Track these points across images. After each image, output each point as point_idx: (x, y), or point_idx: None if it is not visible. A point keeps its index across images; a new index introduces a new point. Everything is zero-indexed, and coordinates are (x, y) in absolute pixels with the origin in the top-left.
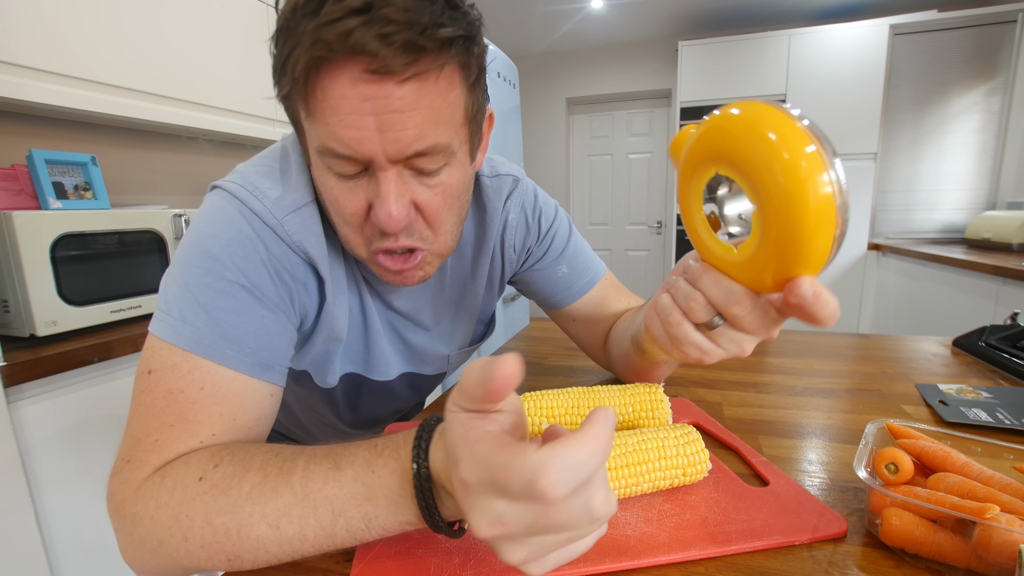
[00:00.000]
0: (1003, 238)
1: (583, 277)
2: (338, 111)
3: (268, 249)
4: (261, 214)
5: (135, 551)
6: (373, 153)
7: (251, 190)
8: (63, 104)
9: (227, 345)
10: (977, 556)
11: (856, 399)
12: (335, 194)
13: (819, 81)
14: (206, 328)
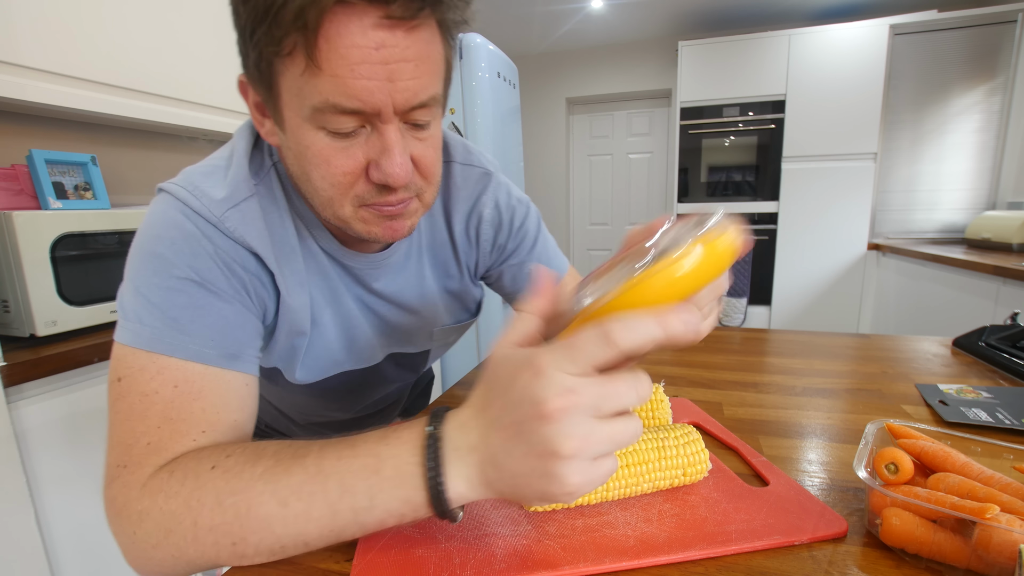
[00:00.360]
0: (1003, 238)
1: None
2: (349, 60)
3: (214, 244)
4: (202, 212)
5: (138, 550)
6: (382, 104)
7: (191, 190)
8: (63, 104)
9: (188, 340)
10: (977, 556)
11: (856, 399)
12: (324, 155)
13: (819, 81)
14: (164, 326)
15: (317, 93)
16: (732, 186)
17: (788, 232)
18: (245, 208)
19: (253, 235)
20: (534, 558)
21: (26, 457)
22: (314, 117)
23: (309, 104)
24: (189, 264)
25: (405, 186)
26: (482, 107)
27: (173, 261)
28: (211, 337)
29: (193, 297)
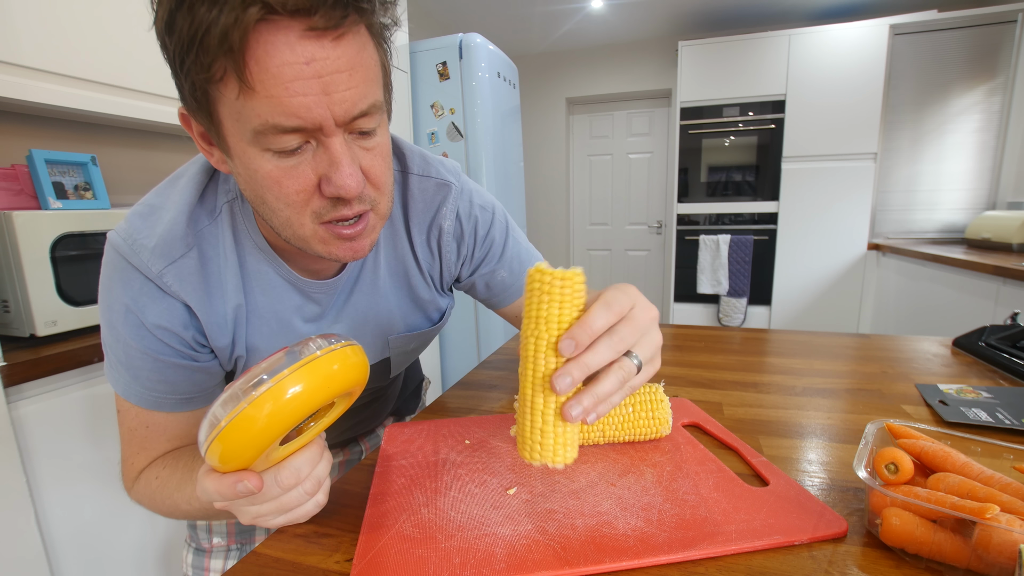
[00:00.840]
0: (1003, 238)
1: (521, 278)
2: (281, 79)
3: (156, 314)
4: (141, 269)
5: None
6: (322, 118)
7: (131, 243)
8: (63, 104)
9: (148, 393)
10: (977, 556)
11: (856, 399)
12: (275, 177)
13: (819, 81)
14: (132, 381)
15: (255, 115)
16: (732, 186)
17: (788, 232)
18: (182, 265)
19: (188, 291)
20: (534, 558)
21: (26, 457)
22: (257, 139)
23: (249, 127)
24: (136, 342)
25: (359, 197)
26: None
27: (125, 337)
28: (167, 391)
29: (147, 361)
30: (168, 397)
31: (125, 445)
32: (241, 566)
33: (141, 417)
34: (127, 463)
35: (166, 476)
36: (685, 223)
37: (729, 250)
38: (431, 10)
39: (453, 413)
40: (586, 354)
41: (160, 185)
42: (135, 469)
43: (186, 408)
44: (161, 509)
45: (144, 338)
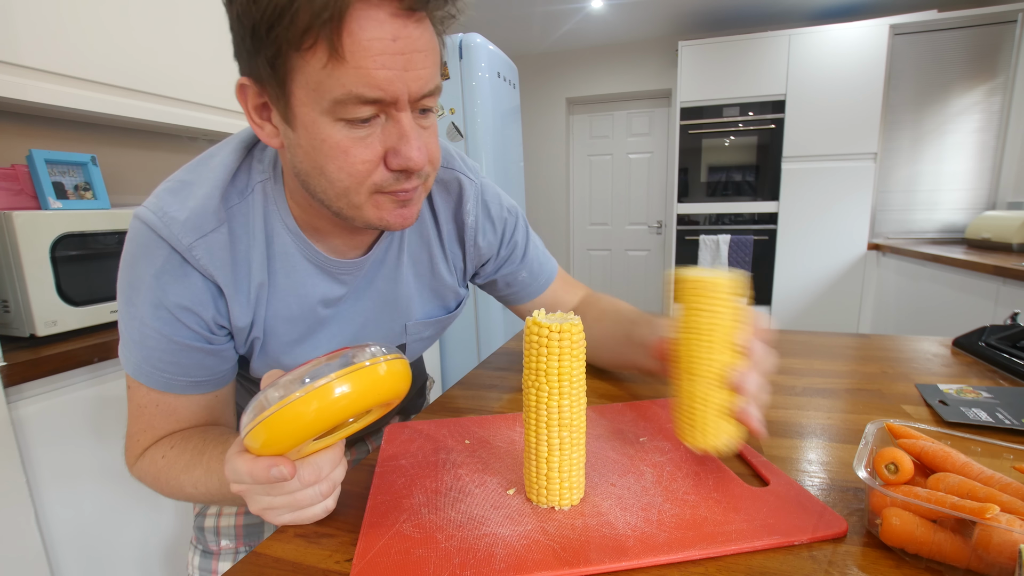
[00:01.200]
0: (1003, 238)
1: (539, 279)
2: (370, 51)
3: (171, 296)
4: (170, 241)
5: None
6: (399, 92)
7: (161, 216)
8: (63, 104)
9: (159, 374)
10: (977, 556)
11: (856, 399)
12: (343, 146)
13: (819, 81)
14: (143, 361)
15: (339, 85)
16: (732, 186)
17: (788, 232)
18: (212, 240)
19: (217, 266)
20: (534, 558)
21: (26, 457)
22: (333, 109)
23: (330, 97)
24: (156, 325)
25: (420, 171)
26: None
27: (145, 318)
28: (178, 373)
29: (160, 342)
30: (179, 379)
31: (132, 421)
32: (241, 566)
33: (151, 396)
34: (132, 439)
35: (173, 457)
36: (685, 223)
37: (729, 250)
38: None
39: (453, 413)
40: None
41: (190, 163)
42: (139, 446)
43: (196, 391)
44: (164, 489)
45: (161, 317)
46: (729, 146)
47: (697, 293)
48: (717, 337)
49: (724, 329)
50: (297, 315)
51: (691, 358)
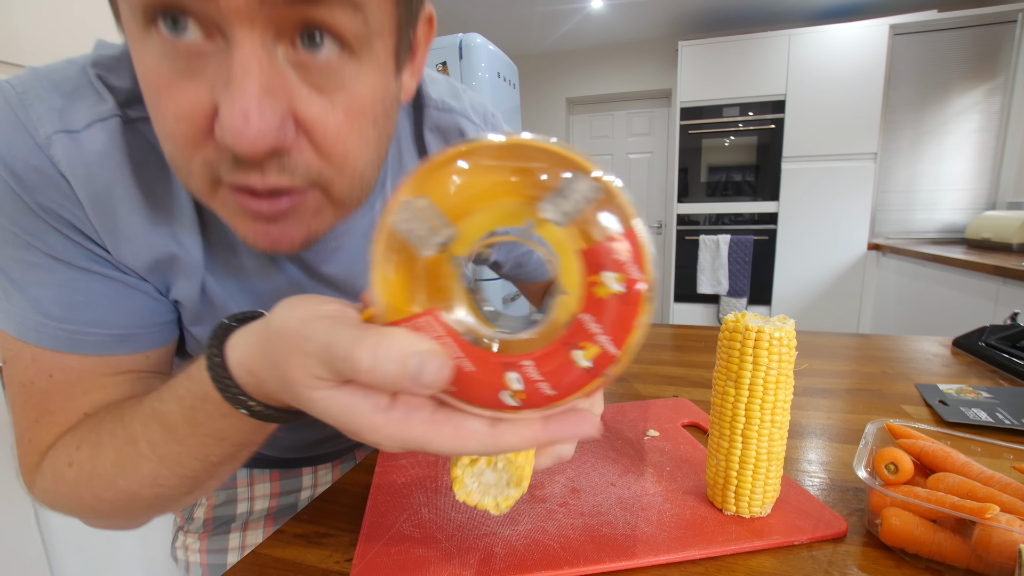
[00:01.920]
0: (1003, 238)
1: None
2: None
3: (43, 198)
4: (28, 127)
5: (85, 523)
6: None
7: (21, 92)
8: None
9: (56, 327)
10: (977, 556)
11: (856, 399)
12: (157, 79)
13: (819, 81)
14: (29, 309)
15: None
16: (732, 186)
17: (788, 232)
18: (88, 137)
19: (79, 175)
20: (534, 558)
21: None
22: (132, 9)
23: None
24: (30, 240)
25: (276, 159)
26: None
27: (13, 229)
28: (86, 321)
29: (52, 273)
30: (90, 332)
31: (17, 413)
32: (241, 566)
33: (40, 362)
34: (23, 443)
35: (88, 458)
36: (685, 223)
37: (729, 250)
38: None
39: None
40: None
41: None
42: (36, 450)
43: (119, 350)
44: (99, 508)
45: (47, 233)
46: (729, 146)
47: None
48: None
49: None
50: (242, 284)
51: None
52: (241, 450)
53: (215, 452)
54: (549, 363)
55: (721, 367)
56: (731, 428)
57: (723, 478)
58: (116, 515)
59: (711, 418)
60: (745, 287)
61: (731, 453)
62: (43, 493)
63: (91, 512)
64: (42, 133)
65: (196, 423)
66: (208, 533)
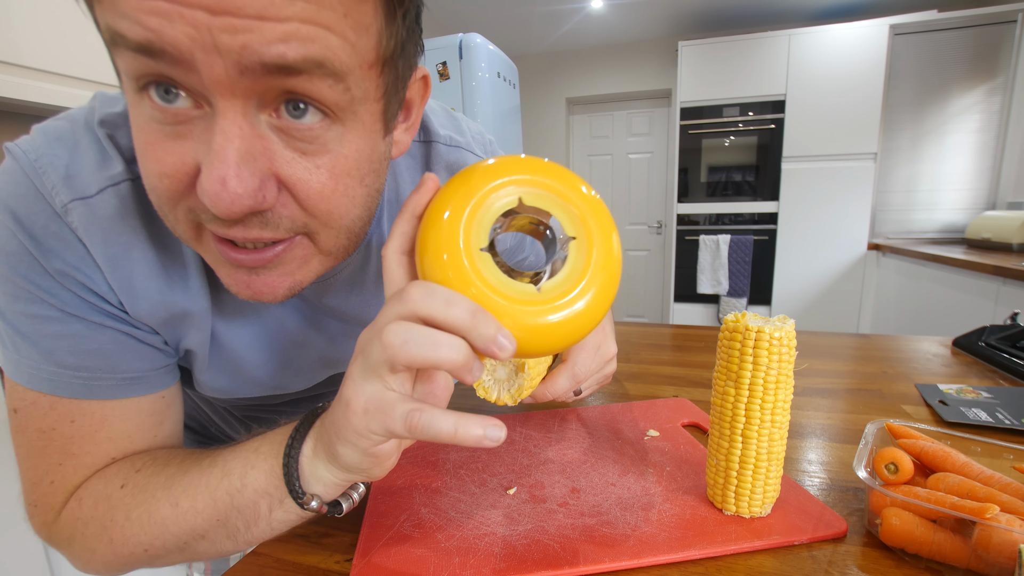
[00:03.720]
0: (1003, 238)
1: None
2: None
3: (60, 256)
4: (42, 191)
5: (78, 563)
6: (194, 44)
7: (34, 160)
8: (63, 104)
9: (71, 375)
10: (977, 556)
11: (856, 399)
12: (144, 140)
13: (819, 81)
14: (42, 361)
15: (101, 18)
16: (732, 186)
17: (788, 232)
18: (98, 203)
19: (97, 240)
20: (534, 558)
21: None
22: (117, 62)
23: (105, 35)
24: (44, 296)
25: (258, 216)
26: (482, 107)
27: (27, 286)
28: (99, 367)
29: (65, 325)
30: (103, 378)
31: (35, 459)
32: (241, 566)
33: (59, 409)
34: (43, 485)
35: (145, 479)
36: (685, 223)
37: (729, 250)
38: (431, 10)
39: None
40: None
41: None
42: (61, 489)
43: (131, 393)
44: (115, 537)
45: (59, 292)
46: (729, 146)
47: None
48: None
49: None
50: (251, 329)
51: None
52: (231, 510)
53: (231, 516)
54: None
55: (721, 367)
56: (731, 428)
57: (723, 478)
58: (123, 543)
59: (711, 418)
60: (745, 287)
61: (731, 453)
62: (68, 523)
63: (105, 538)
64: (59, 201)
65: (244, 497)
66: None
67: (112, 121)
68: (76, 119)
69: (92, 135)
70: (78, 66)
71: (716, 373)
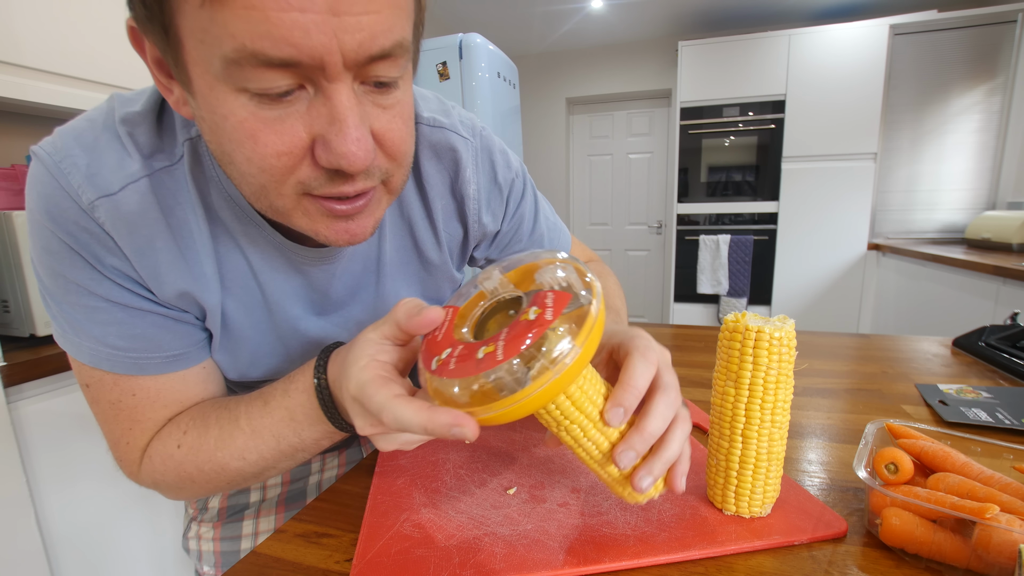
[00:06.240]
0: (1003, 238)
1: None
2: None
3: (96, 255)
4: (68, 191)
5: (171, 496)
6: (325, 50)
7: (59, 161)
8: (63, 104)
9: (122, 356)
10: (977, 556)
11: (856, 399)
12: (250, 128)
13: (819, 81)
14: (99, 345)
15: (228, 36)
16: (732, 186)
17: (788, 232)
18: (121, 201)
19: (123, 234)
20: (534, 558)
21: (26, 457)
22: (229, 73)
23: (219, 53)
24: (90, 288)
25: (366, 171)
26: (482, 107)
27: (75, 280)
28: (145, 348)
29: (111, 314)
30: (151, 357)
31: (111, 424)
32: (241, 566)
33: (122, 385)
34: (121, 445)
35: (195, 438)
36: (685, 223)
37: (729, 250)
38: (431, 10)
39: None
40: (646, 421)
41: (102, 104)
42: (136, 448)
43: (176, 368)
44: (196, 479)
45: (101, 282)
46: (729, 146)
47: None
48: (583, 418)
49: (587, 404)
50: (259, 317)
51: (572, 445)
52: (299, 452)
53: (287, 439)
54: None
55: (721, 367)
56: (731, 428)
57: (723, 478)
58: (207, 484)
59: (711, 418)
60: (745, 287)
61: (731, 453)
62: (149, 475)
63: (188, 482)
64: (85, 199)
65: (290, 410)
66: (222, 521)
67: (132, 119)
68: (95, 119)
69: (111, 133)
70: (78, 66)
71: (716, 373)
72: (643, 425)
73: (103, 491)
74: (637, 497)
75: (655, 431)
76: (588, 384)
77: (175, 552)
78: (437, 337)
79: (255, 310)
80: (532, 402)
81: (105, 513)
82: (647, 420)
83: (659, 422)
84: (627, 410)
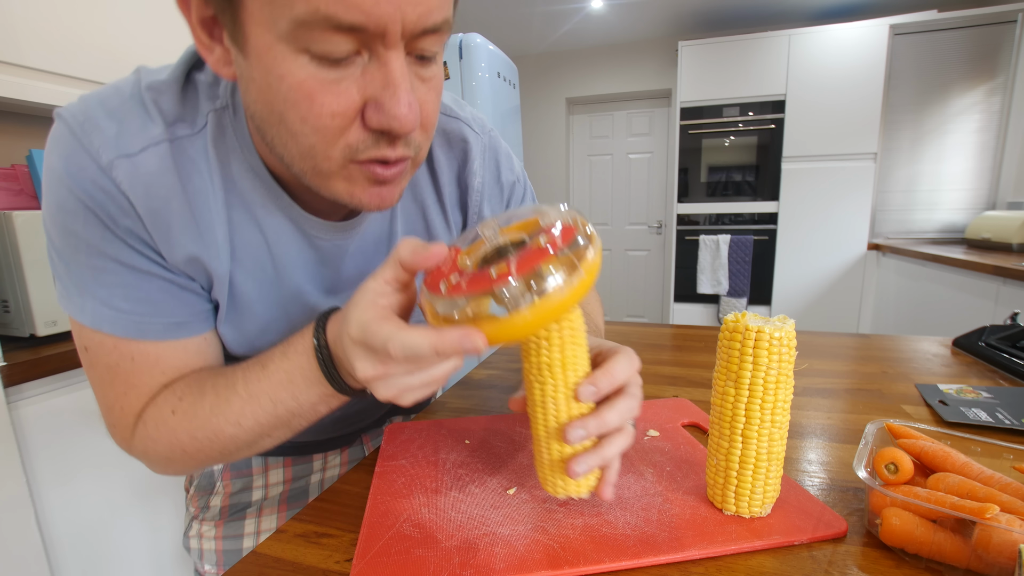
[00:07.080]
0: (1003, 238)
1: None
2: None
3: (111, 216)
4: (89, 151)
5: (158, 469)
6: (390, 19)
7: (82, 121)
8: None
9: (126, 318)
10: (977, 556)
11: (856, 399)
12: (308, 89)
13: (819, 81)
14: (102, 307)
15: (303, 0)
16: (732, 186)
17: (788, 232)
18: (142, 160)
19: (139, 193)
20: (534, 558)
21: (26, 457)
22: (296, 35)
23: (290, 16)
24: (100, 248)
25: (405, 139)
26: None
27: (86, 239)
28: (152, 312)
29: (119, 275)
30: (153, 321)
31: (106, 388)
32: (241, 566)
33: (121, 348)
34: (116, 410)
35: (190, 404)
36: (685, 223)
37: (729, 250)
38: None
39: (453, 413)
40: (606, 412)
41: (129, 76)
42: (130, 413)
43: (177, 335)
44: (188, 447)
45: (112, 242)
46: (729, 146)
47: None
48: (559, 379)
49: (567, 370)
50: (267, 290)
51: (532, 403)
52: (295, 418)
53: (285, 403)
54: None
55: (721, 367)
56: (731, 428)
57: (723, 478)
58: (197, 455)
59: (711, 418)
60: (745, 287)
61: (731, 453)
62: (141, 441)
63: (179, 451)
64: (104, 158)
65: (288, 372)
66: (224, 520)
67: (157, 87)
68: (121, 88)
69: (137, 100)
70: (78, 66)
71: (716, 373)
72: (602, 413)
73: (103, 491)
74: (561, 487)
75: (610, 423)
76: (579, 345)
77: (175, 552)
78: (442, 270)
79: (264, 283)
80: (543, 317)
81: (105, 513)
82: (607, 411)
83: (616, 417)
84: (599, 391)
